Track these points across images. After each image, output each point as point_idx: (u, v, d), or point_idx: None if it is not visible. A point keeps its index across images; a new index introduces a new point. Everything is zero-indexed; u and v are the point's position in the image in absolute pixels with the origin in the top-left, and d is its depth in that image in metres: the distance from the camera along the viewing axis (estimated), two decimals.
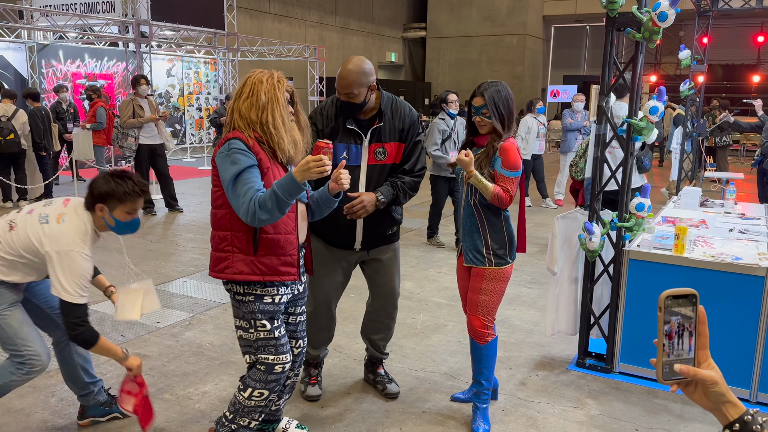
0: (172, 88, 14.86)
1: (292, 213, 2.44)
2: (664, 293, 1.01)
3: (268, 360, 2.48)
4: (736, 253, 3.47)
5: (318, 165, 2.21)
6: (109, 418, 3.01)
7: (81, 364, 2.90)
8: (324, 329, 3.22)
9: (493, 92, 2.85)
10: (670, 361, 1.02)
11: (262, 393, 2.51)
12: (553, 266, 3.81)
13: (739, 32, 23.25)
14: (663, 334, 1.01)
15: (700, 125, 7.50)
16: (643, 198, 3.44)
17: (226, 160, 2.30)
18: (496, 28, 25.76)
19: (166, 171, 8.22)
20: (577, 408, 3.25)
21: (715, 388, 1.02)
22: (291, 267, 2.44)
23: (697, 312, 1.02)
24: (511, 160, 2.83)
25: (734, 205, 5.06)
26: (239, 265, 2.40)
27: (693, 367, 1.02)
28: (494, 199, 2.82)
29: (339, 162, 2.49)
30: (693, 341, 1.03)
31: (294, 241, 2.44)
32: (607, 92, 3.51)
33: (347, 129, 2.91)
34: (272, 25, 20.56)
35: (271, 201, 2.21)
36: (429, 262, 6.05)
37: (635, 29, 3.30)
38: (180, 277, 5.43)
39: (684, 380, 1.03)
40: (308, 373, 3.32)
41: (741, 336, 3.30)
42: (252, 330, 2.46)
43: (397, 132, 2.97)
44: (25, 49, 11.76)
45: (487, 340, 2.96)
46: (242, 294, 2.44)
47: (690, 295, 1.02)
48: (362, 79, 2.81)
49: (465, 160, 2.82)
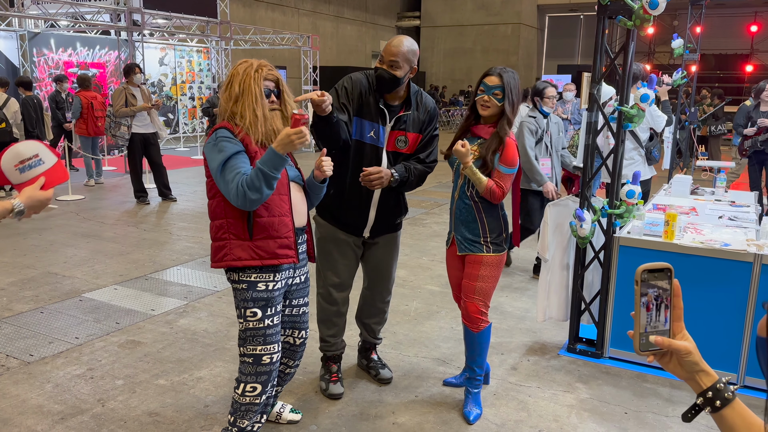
0: (164, 77, 14.78)
1: (285, 195, 2.44)
2: (640, 267, 1.04)
3: (255, 351, 2.46)
4: (725, 239, 3.52)
5: (299, 137, 2.23)
6: None
7: None
8: (341, 313, 3.20)
9: (509, 76, 2.84)
10: (646, 333, 1.06)
11: (255, 387, 2.49)
12: (545, 253, 3.85)
13: (732, 22, 23.28)
14: (640, 306, 1.05)
15: (691, 114, 7.54)
16: (634, 185, 3.47)
17: (214, 150, 2.33)
18: (490, 17, 25.71)
19: (159, 160, 8.20)
20: (568, 392, 3.29)
21: (689, 357, 1.05)
22: (288, 249, 2.44)
23: (672, 285, 1.06)
24: (510, 157, 2.83)
25: (725, 192, 5.10)
26: (237, 251, 2.40)
27: (668, 338, 1.06)
28: (486, 192, 2.83)
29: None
30: (668, 313, 1.06)
31: (289, 223, 2.45)
32: (599, 80, 3.53)
33: (378, 108, 2.90)
34: (265, 13, 20.45)
35: (258, 179, 2.23)
36: (422, 250, 6.09)
37: (626, 17, 3.32)
38: (174, 265, 5.45)
39: (660, 351, 1.07)
40: (328, 370, 3.25)
41: (729, 320, 3.35)
42: (242, 320, 2.47)
43: (419, 123, 2.98)
44: (17, 38, 11.66)
45: (482, 328, 2.99)
46: (237, 281, 2.45)
47: (665, 269, 1.05)
48: (410, 56, 2.84)
49: (461, 151, 2.79)
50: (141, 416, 2.98)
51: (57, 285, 4.84)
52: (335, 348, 3.25)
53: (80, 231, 6.58)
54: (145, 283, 4.95)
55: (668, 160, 7.24)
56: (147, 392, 3.21)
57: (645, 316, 1.05)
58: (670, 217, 3.46)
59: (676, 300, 1.05)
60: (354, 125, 2.88)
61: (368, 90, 2.91)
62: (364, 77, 2.95)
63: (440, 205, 8.50)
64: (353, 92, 2.88)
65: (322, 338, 3.24)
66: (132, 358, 3.61)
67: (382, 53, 2.85)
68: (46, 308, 4.34)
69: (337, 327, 3.21)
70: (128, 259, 5.61)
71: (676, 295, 1.06)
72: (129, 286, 4.89)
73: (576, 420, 3.02)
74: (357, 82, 2.91)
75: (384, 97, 2.92)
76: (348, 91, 2.88)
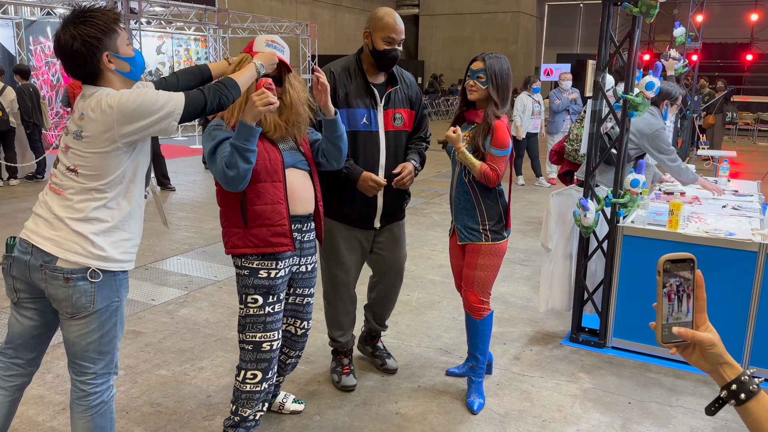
0: (162, 65, 14.68)
1: (279, 182, 2.40)
2: (663, 257, 1.02)
3: (255, 338, 2.45)
4: (729, 228, 3.50)
5: (261, 98, 2.21)
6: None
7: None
8: (349, 311, 3.16)
9: (494, 60, 2.82)
10: (668, 324, 1.03)
11: (255, 375, 2.48)
12: (548, 243, 3.83)
13: (733, 10, 23.18)
14: (662, 296, 1.02)
15: (694, 102, 7.49)
16: (638, 174, 3.44)
17: (207, 138, 2.39)
18: (489, 6, 25.55)
19: (158, 150, 8.16)
20: (571, 382, 3.28)
21: (713, 349, 1.03)
22: (282, 237, 2.42)
23: (695, 275, 1.03)
24: (500, 139, 2.81)
25: (727, 182, 5.08)
26: (234, 239, 2.43)
27: (691, 329, 1.03)
28: (481, 176, 2.81)
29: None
30: (691, 304, 1.04)
31: (283, 211, 2.41)
32: (604, 68, 3.49)
33: (368, 89, 2.85)
34: (263, 2, 20.29)
35: (232, 155, 2.24)
36: (423, 240, 6.07)
37: (632, 3, 3.28)
38: (174, 255, 5.42)
39: (683, 343, 1.04)
40: (340, 362, 3.21)
41: (733, 310, 3.34)
42: (242, 306, 2.46)
43: (407, 98, 2.98)
44: (13, 26, 11.55)
45: (483, 315, 2.98)
46: (239, 267, 2.45)
47: (688, 260, 1.03)
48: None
49: (453, 137, 2.81)
50: (143, 406, 2.97)
51: None
52: (344, 345, 3.20)
53: None
54: (145, 273, 4.93)
55: None
56: (148, 382, 3.19)
57: (667, 307, 1.03)
58: (674, 206, 3.44)
59: (699, 291, 1.03)
60: (342, 118, 2.78)
61: (349, 78, 2.85)
62: (340, 66, 2.87)
63: (440, 194, 8.47)
64: (336, 89, 2.82)
65: (332, 338, 3.19)
66: (133, 348, 3.59)
67: (392, 34, 2.77)
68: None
69: (345, 327, 3.17)
70: None
71: (699, 285, 1.03)
72: (129, 275, 4.85)
73: (579, 410, 3.01)
74: (336, 76, 2.83)
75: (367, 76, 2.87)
76: (330, 89, 2.78)
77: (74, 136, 1.98)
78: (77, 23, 1.96)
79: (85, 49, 1.95)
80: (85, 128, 1.96)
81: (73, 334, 2.06)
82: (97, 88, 1.99)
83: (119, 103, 1.92)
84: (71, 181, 1.99)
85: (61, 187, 2.01)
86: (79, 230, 1.98)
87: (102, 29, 1.97)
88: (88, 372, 2.10)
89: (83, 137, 1.96)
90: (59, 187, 2.02)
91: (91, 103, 1.96)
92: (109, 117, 1.92)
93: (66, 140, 2.02)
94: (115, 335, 2.13)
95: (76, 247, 1.98)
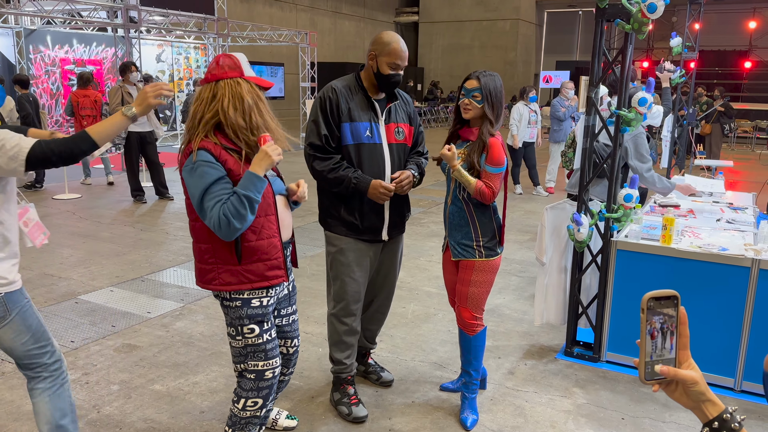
0: (161, 73, 14.72)
1: (272, 215, 2.36)
2: (646, 295, 1.03)
3: (258, 367, 2.41)
4: (722, 243, 3.51)
5: (275, 151, 2.22)
6: None
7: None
8: (356, 331, 3.09)
9: (488, 79, 2.86)
10: (652, 361, 1.05)
11: (256, 402, 2.44)
12: (542, 256, 3.84)
13: (731, 18, 23.24)
14: (646, 334, 1.04)
15: (690, 114, 7.51)
16: (631, 189, 3.46)
17: (193, 175, 2.19)
18: (488, 13, 25.64)
19: (156, 158, 8.18)
20: (565, 397, 3.29)
21: (695, 387, 1.04)
22: (278, 270, 2.39)
23: (679, 313, 1.04)
24: (495, 156, 2.83)
25: (723, 193, 5.09)
26: (225, 276, 2.32)
27: (674, 367, 1.05)
28: (477, 193, 2.83)
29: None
30: (674, 341, 1.05)
31: (278, 244, 2.38)
32: (596, 83, 3.51)
33: (370, 103, 2.91)
34: (263, 9, 20.38)
35: (241, 206, 2.14)
36: (420, 251, 6.08)
37: (625, 20, 3.30)
38: (170, 266, 5.43)
39: (665, 380, 1.05)
40: (345, 393, 3.09)
41: (726, 325, 3.35)
42: (239, 337, 2.39)
43: (406, 114, 3.06)
44: (13, 35, 11.61)
45: (476, 331, 2.98)
46: (229, 299, 2.37)
47: (672, 296, 1.04)
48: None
49: (448, 155, 2.83)
50: (136, 422, 2.97)
51: (53, 287, 4.82)
52: (350, 370, 3.12)
53: (77, 231, 6.56)
54: (141, 285, 4.94)
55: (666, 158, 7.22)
56: (142, 398, 3.20)
57: (650, 344, 1.04)
58: (667, 221, 3.45)
59: (683, 328, 1.04)
60: (347, 132, 2.86)
61: (350, 93, 2.91)
62: (341, 83, 2.93)
63: (437, 204, 8.49)
64: (339, 104, 2.87)
65: (337, 361, 3.10)
66: (128, 362, 3.60)
67: (397, 60, 2.84)
68: (42, 311, 4.32)
69: (351, 347, 3.10)
70: (124, 260, 5.59)
71: (683, 323, 1.04)
72: (125, 287, 4.87)
73: (573, 426, 3.01)
74: (338, 92, 2.89)
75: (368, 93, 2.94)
76: (333, 103, 2.86)
77: None
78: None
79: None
80: None
81: (6, 342, 2.28)
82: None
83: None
84: None
85: None
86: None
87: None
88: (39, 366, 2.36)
89: None
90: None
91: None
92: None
93: None
94: (40, 325, 2.34)
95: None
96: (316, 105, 2.90)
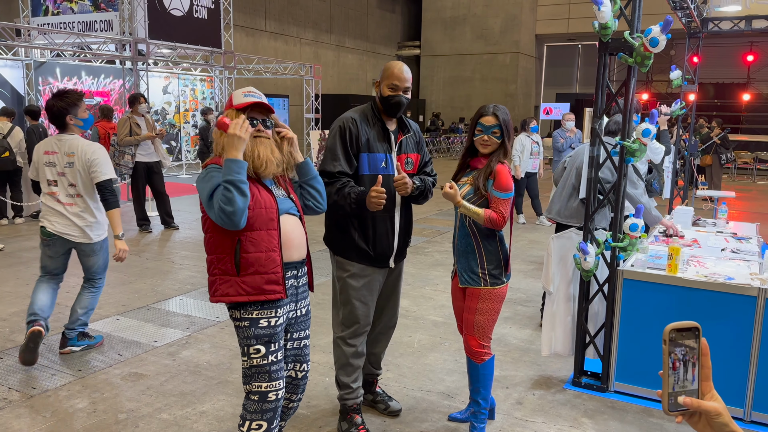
0: (168, 105, 14.92)
1: (274, 230, 2.43)
2: (668, 326, 1.04)
3: (261, 388, 2.44)
4: (728, 272, 3.52)
5: (242, 128, 2.33)
6: (82, 348, 4.19)
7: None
8: (362, 354, 3.13)
9: (502, 112, 2.95)
10: (675, 393, 1.05)
11: (260, 425, 2.46)
12: (549, 285, 3.86)
13: (729, 51, 23.57)
14: (668, 366, 1.04)
15: (691, 146, 7.60)
16: (637, 218, 3.49)
17: (203, 181, 2.39)
18: (489, 47, 26.03)
19: (163, 188, 8.25)
20: (573, 427, 3.27)
21: (719, 419, 1.04)
22: (275, 285, 2.43)
23: (700, 344, 1.06)
24: (503, 182, 2.88)
25: (726, 224, 5.12)
26: (224, 287, 2.42)
27: (697, 399, 1.05)
28: (487, 222, 2.87)
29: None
30: (696, 372, 1.06)
31: (277, 259, 2.43)
32: (600, 115, 3.57)
33: (386, 134, 2.99)
34: (268, 42, 20.72)
35: (226, 191, 2.27)
36: (425, 280, 6.08)
37: (627, 54, 3.38)
38: (176, 295, 5.44)
39: (688, 412, 1.06)
40: (353, 423, 3.09)
41: (734, 355, 3.34)
42: (245, 357, 2.45)
43: (416, 144, 3.15)
44: (23, 67, 11.81)
45: (484, 359, 2.99)
46: (239, 319, 2.44)
47: (693, 328, 1.05)
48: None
49: (450, 193, 2.87)
50: None
51: (59, 315, 4.82)
52: (356, 396, 3.12)
53: None
54: (148, 314, 4.94)
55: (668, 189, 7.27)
56: (150, 427, 3.18)
57: (673, 376, 1.05)
58: (673, 250, 3.47)
59: (704, 359, 1.05)
60: (364, 162, 2.94)
61: (368, 124, 2.98)
62: (358, 114, 3.01)
63: (442, 233, 8.52)
64: (359, 135, 2.94)
65: (344, 385, 3.10)
66: (135, 391, 3.59)
67: (395, 81, 2.95)
68: (49, 339, 4.32)
69: (357, 370, 3.11)
70: (131, 288, 5.60)
71: (704, 354, 1.05)
72: (131, 316, 4.87)
73: None
74: (357, 122, 2.97)
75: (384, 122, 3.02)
76: (353, 134, 2.93)
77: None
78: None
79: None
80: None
81: (95, 264, 4.12)
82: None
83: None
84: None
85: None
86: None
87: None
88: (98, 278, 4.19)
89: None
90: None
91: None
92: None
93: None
94: (108, 259, 4.19)
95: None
96: (335, 134, 2.96)
